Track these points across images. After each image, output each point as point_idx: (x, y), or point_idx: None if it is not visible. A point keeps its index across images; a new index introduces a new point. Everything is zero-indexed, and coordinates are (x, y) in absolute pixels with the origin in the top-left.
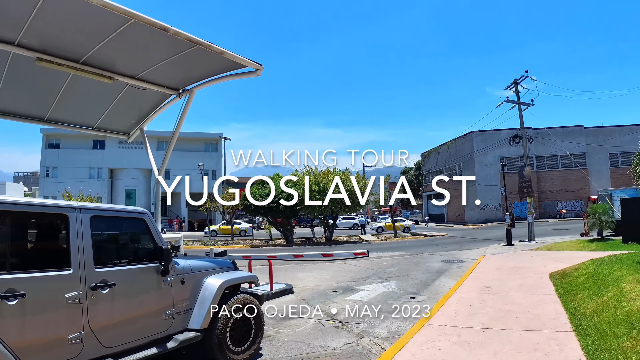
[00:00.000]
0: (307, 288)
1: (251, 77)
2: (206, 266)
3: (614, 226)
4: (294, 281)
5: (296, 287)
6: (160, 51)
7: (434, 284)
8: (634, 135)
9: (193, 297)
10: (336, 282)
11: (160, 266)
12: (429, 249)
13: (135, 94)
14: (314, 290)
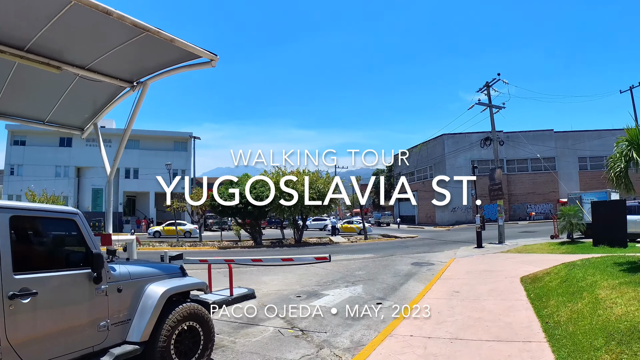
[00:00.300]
0: (270, 292)
1: (206, 68)
2: (148, 272)
3: (584, 229)
4: (258, 285)
5: (259, 291)
6: (108, 38)
7: (402, 288)
8: (602, 140)
9: (132, 306)
10: (301, 287)
11: (93, 273)
12: (399, 251)
13: (87, 86)
14: (277, 295)
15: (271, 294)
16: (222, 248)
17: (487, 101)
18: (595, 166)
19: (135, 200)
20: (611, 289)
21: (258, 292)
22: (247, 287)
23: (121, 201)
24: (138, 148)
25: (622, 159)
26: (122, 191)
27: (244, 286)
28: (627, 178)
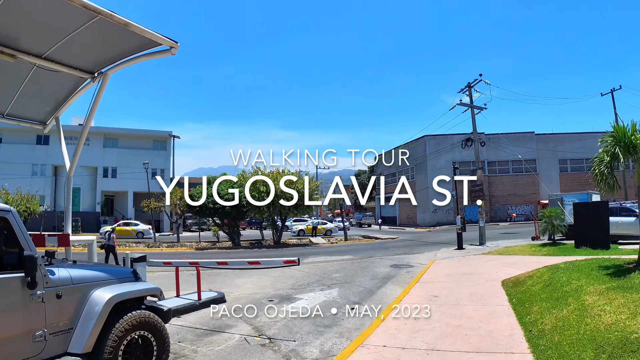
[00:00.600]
0: (242, 296)
1: (166, 56)
2: (93, 277)
3: (566, 230)
4: (230, 288)
5: (230, 295)
6: (62, 23)
7: (379, 292)
8: (582, 142)
9: (75, 314)
10: (275, 290)
11: (26, 277)
12: (379, 252)
13: (46, 77)
14: (249, 298)
15: (243, 298)
16: (199, 249)
17: (469, 102)
18: (576, 168)
19: (114, 199)
20: (598, 295)
21: (229, 295)
22: (218, 290)
23: (99, 200)
24: (117, 147)
25: (606, 156)
26: (99, 190)
27: (215, 289)
28: (613, 176)
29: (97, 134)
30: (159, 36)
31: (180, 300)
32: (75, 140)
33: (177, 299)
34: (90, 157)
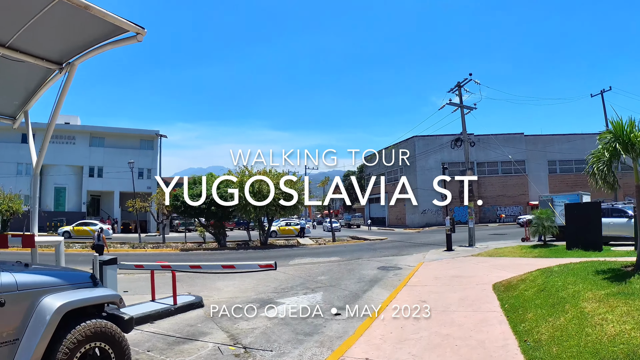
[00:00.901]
0: (221, 300)
1: (133, 43)
2: (44, 282)
3: (557, 232)
4: (211, 292)
5: (209, 299)
6: (22, 8)
7: (365, 296)
8: (571, 144)
9: (22, 323)
10: (256, 294)
11: None
12: (366, 254)
13: (13, 68)
14: (228, 303)
15: (222, 302)
16: (184, 250)
17: (459, 102)
18: (565, 169)
19: (100, 199)
20: (598, 302)
21: (208, 299)
22: (197, 294)
23: (84, 200)
24: (103, 146)
25: (606, 153)
26: (85, 190)
27: (195, 293)
28: (611, 174)
29: (83, 133)
30: (123, 21)
31: (154, 305)
32: (61, 138)
33: (152, 304)
34: (76, 156)
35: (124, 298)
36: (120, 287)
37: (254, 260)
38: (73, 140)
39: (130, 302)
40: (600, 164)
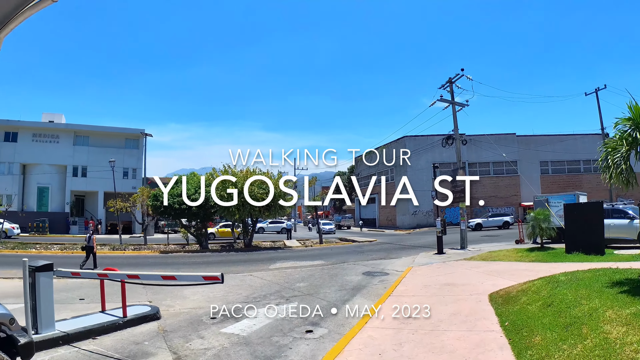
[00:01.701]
0: (182, 311)
1: (47, 5)
2: None
3: (555, 234)
4: (174, 300)
5: (169, 310)
6: None
7: (344, 308)
8: (564, 144)
9: None
10: (225, 303)
11: None
12: (353, 257)
13: None
14: (188, 315)
15: (182, 314)
16: (163, 252)
17: (450, 98)
18: (557, 170)
19: (85, 200)
20: (624, 325)
21: (168, 310)
22: (159, 302)
23: (68, 200)
24: (87, 145)
25: (624, 142)
26: (69, 190)
27: (157, 301)
28: (629, 168)
29: (67, 132)
30: None
31: (102, 318)
32: (45, 137)
33: (100, 316)
34: (60, 155)
35: (79, 307)
36: (79, 294)
37: (231, 263)
38: (57, 139)
39: (80, 312)
40: (616, 155)
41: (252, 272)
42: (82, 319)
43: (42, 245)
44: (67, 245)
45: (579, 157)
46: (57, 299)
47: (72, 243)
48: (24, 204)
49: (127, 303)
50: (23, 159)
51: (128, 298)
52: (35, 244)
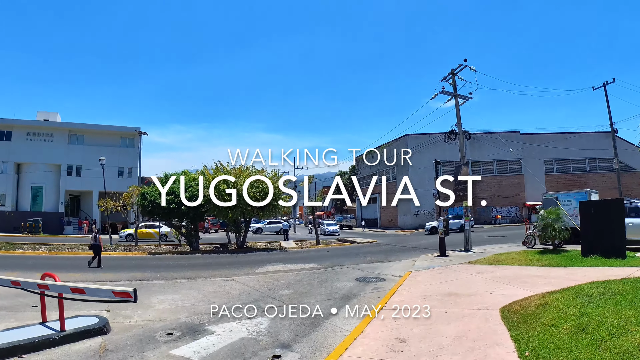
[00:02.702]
0: (138, 324)
1: None
2: None
3: (568, 235)
4: (137, 309)
5: (127, 321)
6: None
7: (327, 324)
8: (569, 142)
9: None
10: (189, 315)
11: None
12: (349, 259)
13: None
14: (144, 328)
15: (136, 327)
16: (151, 254)
17: (453, 90)
18: (562, 169)
19: (80, 199)
20: None
21: (122, 323)
22: (112, 313)
23: (62, 200)
24: (82, 144)
25: None
26: (63, 190)
27: (116, 310)
28: None
29: (61, 130)
30: None
31: (37, 331)
32: (39, 135)
33: (37, 328)
34: (54, 154)
35: (27, 315)
36: (36, 300)
37: (217, 266)
38: (51, 137)
39: (22, 321)
40: None
41: (236, 276)
42: (12, 332)
43: (30, 246)
44: (56, 246)
45: (585, 156)
46: (9, 305)
47: (62, 243)
48: (18, 203)
49: (79, 313)
50: (17, 158)
51: (84, 306)
52: (23, 244)
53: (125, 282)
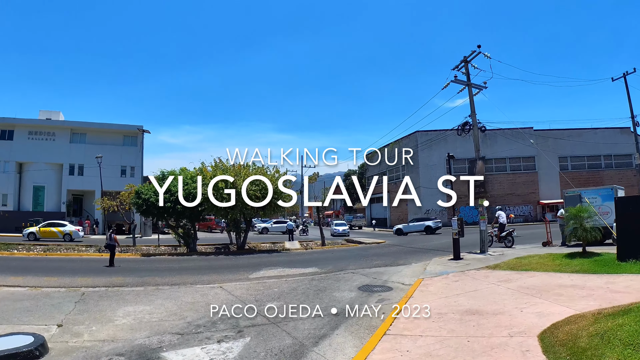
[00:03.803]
0: (84, 345)
1: None
2: None
3: (600, 235)
4: (94, 324)
5: (73, 340)
6: None
7: (313, 355)
8: (583, 138)
9: None
10: (150, 334)
11: None
12: (354, 263)
13: None
14: (87, 352)
15: (79, 350)
16: (145, 255)
17: (465, 79)
18: (576, 166)
19: (83, 199)
20: None
21: (67, 343)
22: (63, 328)
23: (64, 200)
24: (84, 142)
25: None
26: (65, 189)
27: (76, 324)
28: None
29: (63, 129)
30: None
31: None
32: (41, 134)
33: None
34: (56, 153)
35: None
36: None
37: (209, 270)
38: (53, 136)
39: None
40: None
41: (226, 282)
42: None
43: (25, 247)
44: (51, 247)
45: (600, 152)
46: None
47: (57, 244)
48: (20, 203)
49: (22, 328)
50: (19, 157)
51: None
52: (18, 244)
53: (100, 289)
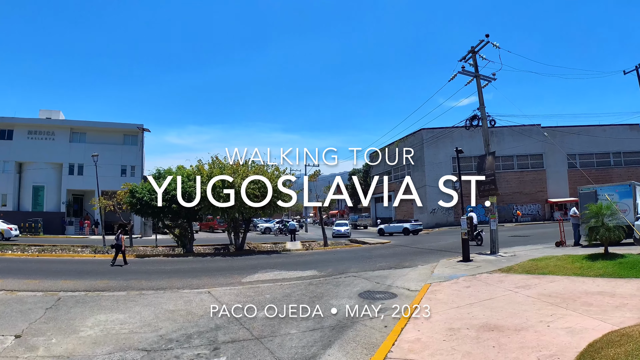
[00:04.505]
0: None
1: None
2: None
3: (623, 235)
4: (57, 335)
5: (26, 355)
6: None
7: None
8: (591, 135)
9: None
10: (113, 350)
11: None
12: (356, 265)
13: None
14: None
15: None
16: (139, 256)
17: (473, 71)
18: (585, 164)
19: (83, 199)
20: None
21: (20, 357)
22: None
23: (64, 200)
24: (84, 142)
25: None
26: (65, 189)
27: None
28: None
29: (63, 128)
30: None
31: None
32: (40, 134)
33: None
34: (56, 152)
35: None
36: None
37: (201, 273)
38: (53, 135)
39: None
40: None
41: (215, 287)
42: None
43: (20, 247)
44: (47, 247)
45: (609, 149)
46: None
47: (52, 245)
48: (20, 204)
49: None
50: (18, 157)
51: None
52: (13, 245)
53: (79, 294)
